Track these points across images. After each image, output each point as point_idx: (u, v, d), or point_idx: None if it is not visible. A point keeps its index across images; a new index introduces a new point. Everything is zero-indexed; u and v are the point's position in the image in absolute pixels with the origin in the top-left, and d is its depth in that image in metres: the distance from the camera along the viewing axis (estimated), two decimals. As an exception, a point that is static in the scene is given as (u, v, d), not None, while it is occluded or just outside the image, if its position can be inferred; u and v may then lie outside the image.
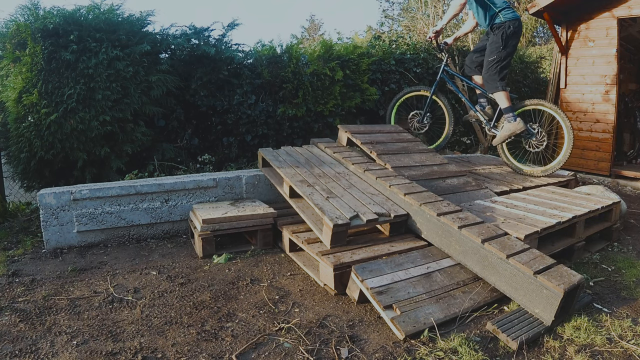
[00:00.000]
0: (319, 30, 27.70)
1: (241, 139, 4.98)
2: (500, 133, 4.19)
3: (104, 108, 4.08)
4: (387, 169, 3.57)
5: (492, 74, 4.04)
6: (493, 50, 4.01)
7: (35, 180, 4.26)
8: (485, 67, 4.10)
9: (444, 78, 4.58)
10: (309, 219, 3.02)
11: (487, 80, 4.10)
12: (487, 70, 4.07)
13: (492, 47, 4.01)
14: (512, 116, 4.09)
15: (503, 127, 4.18)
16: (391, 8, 15.43)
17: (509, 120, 4.11)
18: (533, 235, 2.74)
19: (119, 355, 2.00)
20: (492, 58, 4.02)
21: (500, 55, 4.00)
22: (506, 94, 4.07)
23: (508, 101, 4.08)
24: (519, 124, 4.06)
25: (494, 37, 4.02)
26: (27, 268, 2.97)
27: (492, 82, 4.06)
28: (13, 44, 3.98)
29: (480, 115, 4.45)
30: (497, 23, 3.99)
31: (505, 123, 4.16)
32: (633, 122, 6.87)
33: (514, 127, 4.08)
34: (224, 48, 4.87)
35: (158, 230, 3.60)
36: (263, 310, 2.43)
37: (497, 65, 4.02)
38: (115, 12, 4.24)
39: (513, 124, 4.08)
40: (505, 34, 3.95)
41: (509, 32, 3.95)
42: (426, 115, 4.65)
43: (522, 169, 4.41)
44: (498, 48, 3.98)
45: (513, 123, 4.08)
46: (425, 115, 4.64)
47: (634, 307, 2.49)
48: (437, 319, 2.23)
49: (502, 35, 3.95)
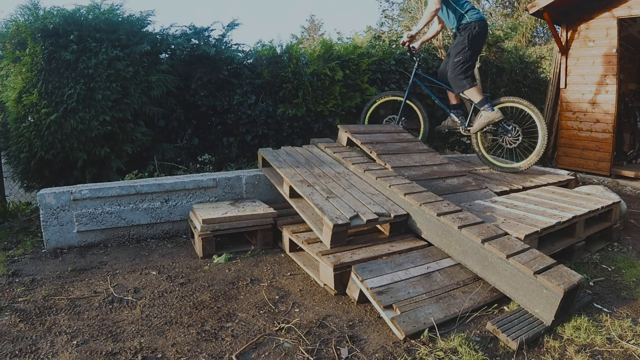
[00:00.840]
0: (319, 30, 27.70)
1: (241, 139, 4.98)
2: (478, 121, 4.20)
3: (104, 108, 4.08)
4: (387, 169, 3.57)
5: (458, 74, 4.09)
6: (459, 51, 4.06)
7: (35, 180, 4.26)
8: (451, 67, 4.13)
9: (416, 82, 4.64)
10: (309, 219, 3.02)
11: (454, 80, 4.15)
12: (453, 71, 4.11)
13: (458, 47, 4.06)
14: (489, 106, 4.12)
15: (481, 116, 4.18)
16: (391, 8, 15.44)
17: (485, 110, 4.13)
18: (533, 235, 2.74)
19: (119, 355, 2.00)
20: (457, 59, 4.07)
21: (466, 56, 4.05)
22: (476, 88, 4.10)
23: (480, 94, 4.12)
24: (497, 113, 4.09)
25: (460, 37, 4.07)
26: (27, 268, 2.97)
27: (459, 81, 4.11)
28: (13, 44, 3.98)
29: (455, 116, 4.48)
30: (463, 24, 4.04)
31: (482, 113, 4.17)
32: (633, 122, 6.87)
33: (492, 115, 4.10)
34: (224, 48, 4.87)
35: (158, 230, 3.60)
36: (263, 310, 2.43)
37: (462, 65, 4.08)
38: (115, 12, 4.24)
39: (491, 113, 4.10)
40: (471, 34, 4.00)
41: (475, 32, 4.00)
42: (401, 120, 4.67)
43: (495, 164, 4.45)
44: (464, 49, 4.03)
45: (491, 112, 4.10)
46: (400, 119, 4.67)
47: (634, 307, 2.49)
48: (437, 319, 2.23)
49: (468, 36, 4.00)
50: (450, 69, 4.16)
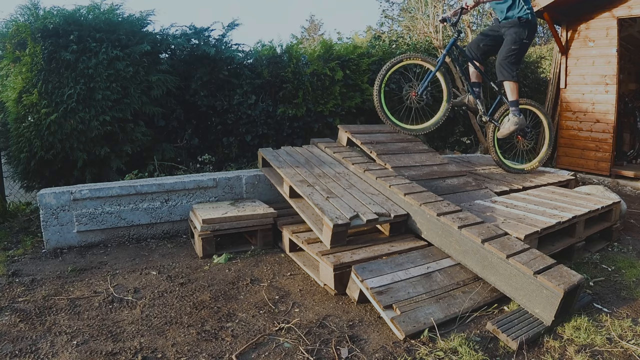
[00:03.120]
0: (319, 30, 27.71)
1: (241, 139, 4.98)
2: (507, 125, 4.15)
3: (104, 108, 4.08)
4: (387, 169, 3.56)
5: (512, 61, 4.01)
6: (518, 40, 3.97)
7: (35, 180, 4.26)
8: (505, 53, 4.02)
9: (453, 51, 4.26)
10: (309, 219, 3.02)
11: (504, 65, 4.02)
12: (507, 57, 4.01)
13: (518, 37, 3.97)
14: (517, 110, 4.08)
15: (509, 120, 4.13)
16: (391, 8, 15.44)
17: (514, 114, 4.08)
18: (533, 235, 2.74)
19: (119, 355, 2.00)
20: (515, 47, 3.98)
21: (523, 48, 4.01)
22: (517, 84, 4.04)
23: (517, 94, 4.05)
24: (523, 119, 4.07)
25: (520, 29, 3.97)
26: (27, 268, 2.97)
27: (509, 68, 4.01)
28: (13, 44, 3.98)
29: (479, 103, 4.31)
30: (525, 18, 3.96)
31: (510, 116, 4.11)
32: (633, 122, 6.87)
33: (521, 121, 4.08)
34: (224, 48, 4.87)
35: (158, 230, 3.60)
36: (263, 310, 2.43)
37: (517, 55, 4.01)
38: (115, 12, 4.24)
39: (520, 118, 4.08)
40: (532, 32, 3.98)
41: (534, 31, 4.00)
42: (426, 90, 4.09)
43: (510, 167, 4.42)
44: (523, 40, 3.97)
45: (519, 117, 4.07)
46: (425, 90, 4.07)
47: (634, 307, 2.49)
48: (437, 319, 2.23)
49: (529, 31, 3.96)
50: (504, 54, 4.03)
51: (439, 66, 4.07)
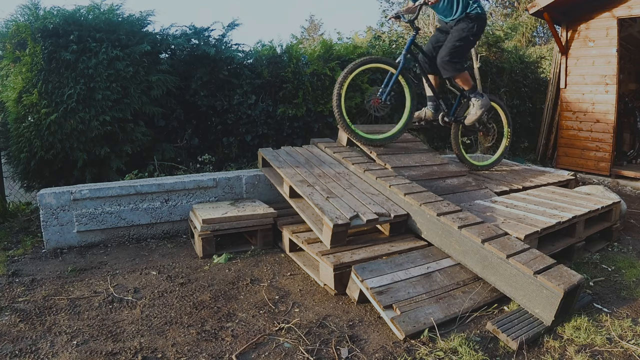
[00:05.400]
0: (319, 30, 27.68)
1: (241, 139, 4.98)
2: (474, 111, 3.98)
3: (104, 108, 4.08)
4: (387, 169, 3.57)
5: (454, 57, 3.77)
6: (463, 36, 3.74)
7: (35, 180, 4.26)
8: (449, 50, 3.75)
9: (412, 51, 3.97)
10: (309, 219, 3.02)
11: (447, 63, 3.76)
12: (450, 54, 3.75)
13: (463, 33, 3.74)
14: (478, 93, 3.97)
15: (473, 106, 3.98)
16: (391, 8, 15.45)
17: (477, 97, 3.96)
18: (533, 235, 2.74)
19: (119, 355, 2.00)
20: (460, 43, 3.74)
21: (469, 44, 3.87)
22: (467, 74, 3.91)
23: (471, 81, 3.94)
24: (486, 99, 3.98)
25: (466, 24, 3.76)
26: (27, 268, 2.97)
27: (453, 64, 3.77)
28: (13, 44, 3.98)
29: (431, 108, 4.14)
30: (473, 13, 3.77)
31: (473, 101, 3.98)
32: (633, 122, 6.87)
33: (485, 101, 3.96)
34: (224, 48, 4.87)
35: (158, 230, 3.60)
36: (263, 310, 2.43)
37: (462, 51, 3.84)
38: (115, 12, 4.24)
39: (483, 99, 3.96)
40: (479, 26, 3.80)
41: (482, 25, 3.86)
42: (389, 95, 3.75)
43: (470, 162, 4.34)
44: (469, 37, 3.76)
45: (482, 98, 3.97)
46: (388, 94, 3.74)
47: (634, 307, 2.49)
48: (437, 319, 2.23)
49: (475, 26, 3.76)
50: (446, 51, 3.77)
51: (400, 69, 3.76)
